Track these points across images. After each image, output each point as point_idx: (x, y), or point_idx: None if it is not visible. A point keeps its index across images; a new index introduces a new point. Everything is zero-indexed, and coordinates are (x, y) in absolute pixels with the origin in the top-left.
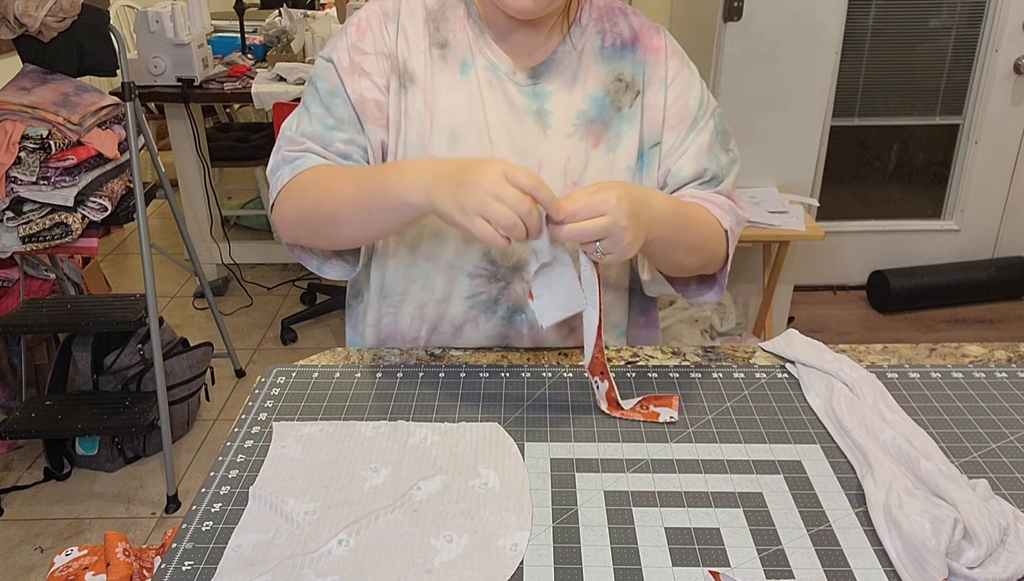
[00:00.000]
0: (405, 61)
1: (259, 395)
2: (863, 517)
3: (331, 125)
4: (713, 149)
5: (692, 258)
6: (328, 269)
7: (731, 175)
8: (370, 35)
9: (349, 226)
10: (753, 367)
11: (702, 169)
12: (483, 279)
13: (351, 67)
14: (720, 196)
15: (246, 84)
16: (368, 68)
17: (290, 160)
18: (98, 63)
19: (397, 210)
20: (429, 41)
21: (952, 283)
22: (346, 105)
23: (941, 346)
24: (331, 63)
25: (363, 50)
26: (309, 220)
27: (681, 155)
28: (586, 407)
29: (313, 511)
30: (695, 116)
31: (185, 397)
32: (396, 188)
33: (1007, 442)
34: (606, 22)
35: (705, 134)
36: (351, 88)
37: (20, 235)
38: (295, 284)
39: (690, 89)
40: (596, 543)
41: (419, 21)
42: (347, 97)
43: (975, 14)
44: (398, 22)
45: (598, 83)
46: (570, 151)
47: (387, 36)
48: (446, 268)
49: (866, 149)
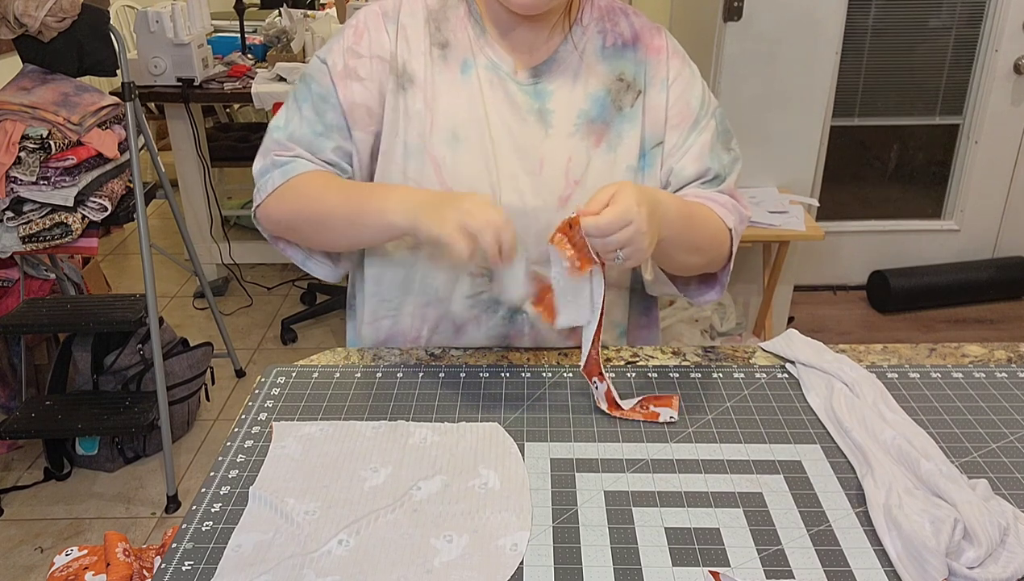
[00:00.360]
0: (404, 62)
1: (259, 395)
2: (863, 517)
3: (320, 132)
4: (715, 148)
5: (697, 257)
6: (312, 265)
7: (733, 174)
8: (367, 38)
9: (333, 233)
10: (753, 367)
11: (704, 168)
12: (484, 278)
13: (345, 72)
14: (723, 195)
15: (246, 84)
16: (362, 73)
17: (280, 164)
18: (98, 63)
19: (380, 229)
20: (430, 41)
21: (952, 283)
22: (336, 111)
23: (941, 346)
24: (325, 65)
25: (359, 54)
26: (297, 222)
27: (684, 154)
28: (586, 407)
29: (313, 511)
30: (697, 115)
31: (185, 397)
32: (381, 208)
33: (1007, 442)
34: (607, 22)
35: (707, 133)
36: (343, 94)
37: (20, 235)
38: (295, 284)
39: (692, 89)
40: (596, 543)
41: (420, 21)
42: (338, 103)
43: (975, 14)
44: (398, 22)
45: (599, 82)
46: (571, 150)
47: (386, 37)
48: (447, 267)
49: (866, 149)
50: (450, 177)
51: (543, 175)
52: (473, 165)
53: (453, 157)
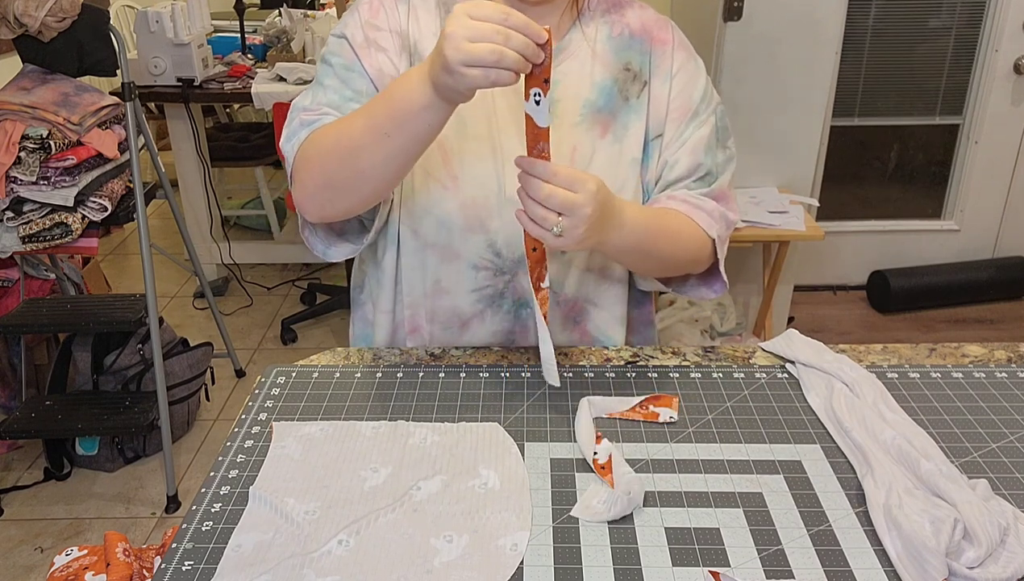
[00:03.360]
0: (416, 42)
1: (259, 395)
2: (863, 517)
3: (348, 97)
4: (711, 145)
5: (664, 268)
6: (334, 252)
7: (726, 173)
8: (383, 13)
9: (371, 161)
10: (753, 367)
11: (697, 163)
12: (488, 272)
13: (366, 43)
14: (710, 201)
15: (246, 84)
16: (384, 44)
17: (308, 123)
18: (98, 63)
19: (411, 119)
20: (440, 24)
21: (952, 283)
22: (363, 78)
23: (941, 346)
24: (344, 39)
25: (377, 26)
26: (330, 171)
27: (679, 147)
28: None
29: (313, 511)
30: (696, 109)
31: (185, 397)
32: (403, 95)
33: (1007, 442)
34: (614, 13)
35: (705, 129)
36: (368, 63)
37: (20, 235)
38: (295, 284)
39: (695, 82)
40: (596, 543)
41: (431, 4)
42: (364, 71)
43: (975, 14)
44: (409, 2)
45: (607, 72)
46: (576, 140)
47: (398, 15)
48: (451, 256)
49: (866, 149)
50: (457, 165)
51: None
52: (480, 153)
53: (460, 144)
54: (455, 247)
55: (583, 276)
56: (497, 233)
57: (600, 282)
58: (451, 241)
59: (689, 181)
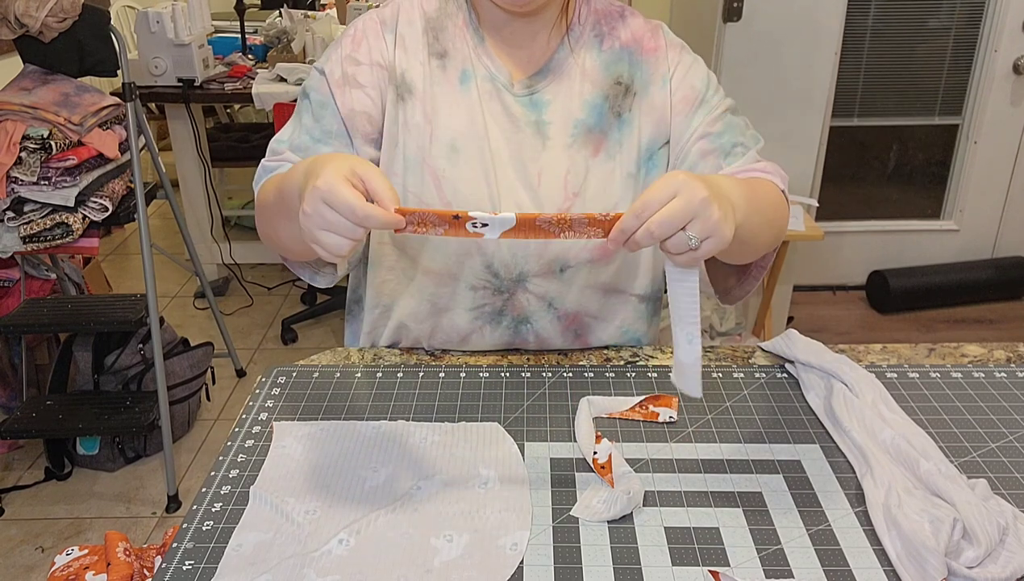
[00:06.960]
0: (403, 72)
1: (259, 395)
2: (863, 517)
3: (318, 137)
4: (733, 124)
5: (771, 232)
6: (320, 278)
7: (759, 144)
8: (365, 45)
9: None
10: (753, 367)
11: (726, 142)
12: (487, 291)
13: (343, 80)
14: (761, 160)
15: (246, 84)
16: (362, 80)
17: (269, 169)
18: (99, 63)
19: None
20: (428, 51)
21: (951, 283)
22: (335, 118)
23: (940, 346)
24: (323, 75)
25: (357, 61)
26: (264, 227)
27: (698, 138)
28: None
29: (313, 511)
30: (704, 95)
31: (186, 397)
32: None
33: (1006, 442)
34: (604, 26)
35: (720, 110)
36: (341, 102)
37: (21, 235)
38: (295, 284)
39: (695, 72)
40: (596, 543)
41: (418, 30)
42: (336, 111)
43: (975, 14)
44: (396, 31)
45: (596, 89)
46: (569, 162)
47: (384, 45)
48: (448, 279)
49: (866, 149)
50: (450, 191)
51: (542, 188)
52: (472, 179)
53: (452, 171)
54: (452, 270)
55: (583, 291)
56: (494, 255)
57: (605, 297)
58: (447, 264)
59: (723, 160)
